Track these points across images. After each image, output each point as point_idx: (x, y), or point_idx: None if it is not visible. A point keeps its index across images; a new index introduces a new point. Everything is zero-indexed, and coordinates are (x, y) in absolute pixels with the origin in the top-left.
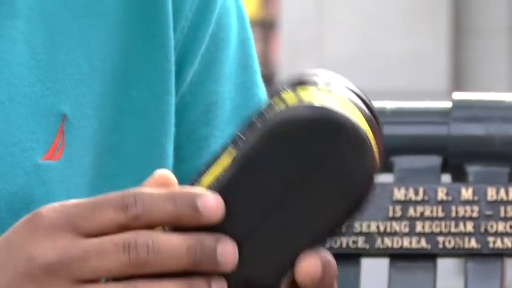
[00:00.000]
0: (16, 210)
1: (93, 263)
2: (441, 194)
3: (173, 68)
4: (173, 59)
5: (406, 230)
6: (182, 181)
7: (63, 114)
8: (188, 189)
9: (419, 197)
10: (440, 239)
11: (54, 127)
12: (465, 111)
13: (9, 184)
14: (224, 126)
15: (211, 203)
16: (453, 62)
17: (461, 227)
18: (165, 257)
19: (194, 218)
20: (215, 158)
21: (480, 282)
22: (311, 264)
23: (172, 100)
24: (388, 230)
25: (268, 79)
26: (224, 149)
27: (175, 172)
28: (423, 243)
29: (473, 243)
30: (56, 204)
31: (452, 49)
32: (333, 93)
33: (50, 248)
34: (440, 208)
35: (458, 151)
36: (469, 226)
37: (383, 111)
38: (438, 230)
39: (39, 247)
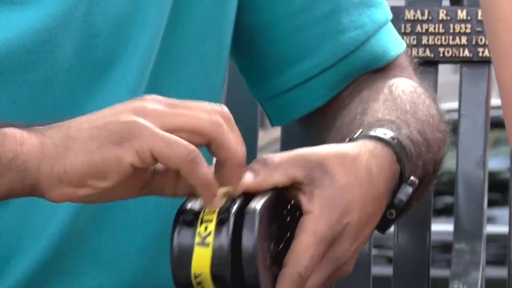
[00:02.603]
0: None
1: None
2: (442, 15)
3: None
4: None
5: (415, 42)
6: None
7: None
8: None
9: (425, 17)
10: (441, 49)
11: None
12: None
13: None
14: None
15: None
16: None
17: (457, 40)
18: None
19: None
20: None
21: (472, 83)
22: None
23: None
24: None
25: None
26: None
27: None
28: (428, 52)
29: (466, 53)
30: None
31: None
32: None
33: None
34: (441, 26)
35: None
36: (463, 40)
37: None
38: (439, 42)
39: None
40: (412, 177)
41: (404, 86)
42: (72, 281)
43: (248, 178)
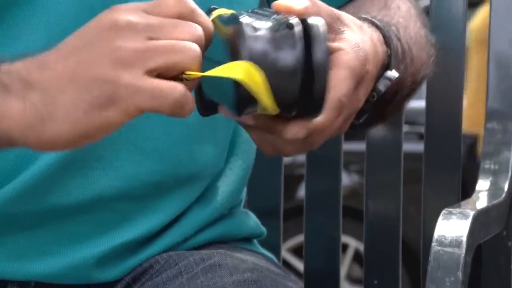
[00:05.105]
0: None
1: (168, 31)
2: None
3: None
4: None
5: None
6: None
7: None
8: None
9: None
10: None
11: None
12: None
13: None
14: None
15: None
16: None
17: None
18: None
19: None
20: None
21: None
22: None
23: None
24: None
25: None
26: None
27: None
28: None
29: None
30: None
31: None
32: None
33: (132, 13)
34: None
35: None
36: None
37: None
38: None
39: (122, 14)
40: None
41: (400, 3)
42: (110, 165)
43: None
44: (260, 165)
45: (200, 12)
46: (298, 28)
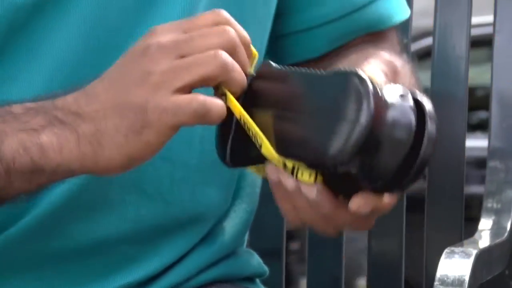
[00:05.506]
0: None
1: (197, 43)
2: None
3: None
4: None
5: None
6: None
7: None
8: None
9: None
10: None
11: None
12: None
13: None
14: None
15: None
16: None
17: None
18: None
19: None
20: None
21: None
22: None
23: None
24: None
25: None
26: None
27: None
28: None
29: None
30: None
31: None
32: None
33: (165, 33)
34: None
35: None
36: None
37: None
38: None
39: (154, 37)
40: None
41: (406, 71)
42: (115, 208)
43: None
44: (262, 205)
45: (235, 22)
46: (411, 99)
